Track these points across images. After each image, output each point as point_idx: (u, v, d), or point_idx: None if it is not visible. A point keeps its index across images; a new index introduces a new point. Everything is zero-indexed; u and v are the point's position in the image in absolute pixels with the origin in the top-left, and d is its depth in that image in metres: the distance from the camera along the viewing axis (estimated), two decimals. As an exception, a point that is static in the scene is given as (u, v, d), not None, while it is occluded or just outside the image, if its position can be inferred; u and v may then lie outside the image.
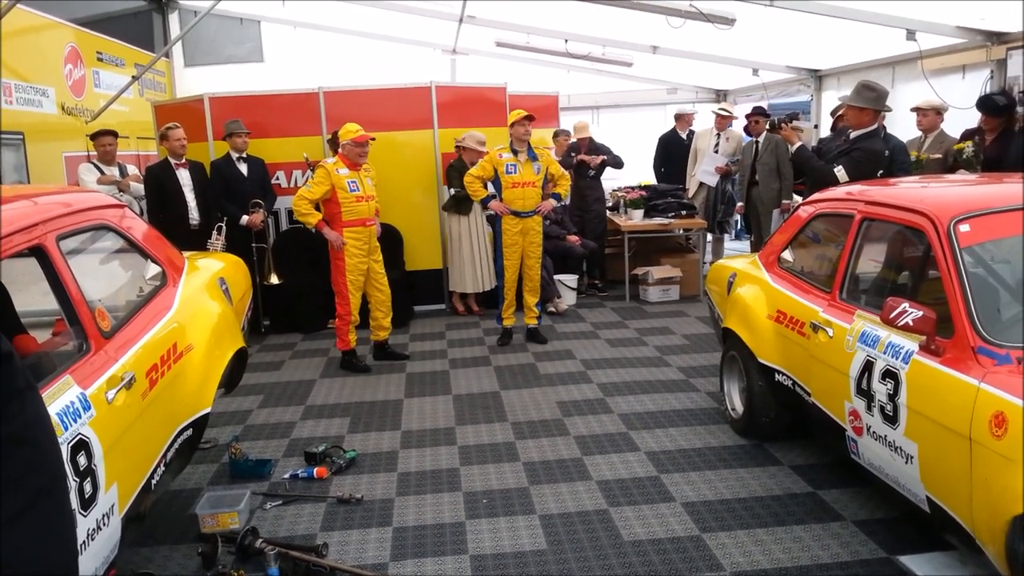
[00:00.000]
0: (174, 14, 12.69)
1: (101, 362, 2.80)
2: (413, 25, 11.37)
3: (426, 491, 4.16)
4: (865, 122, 5.30)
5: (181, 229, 6.81)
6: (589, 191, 9.03)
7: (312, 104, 8.00)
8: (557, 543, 3.55)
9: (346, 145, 6.13)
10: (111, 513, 2.64)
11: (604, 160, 8.80)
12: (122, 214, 3.63)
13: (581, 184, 8.98)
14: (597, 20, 9.19)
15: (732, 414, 4.83)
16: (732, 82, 12.24)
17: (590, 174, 8.91)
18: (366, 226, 6.24)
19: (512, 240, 6.77)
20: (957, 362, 2.78)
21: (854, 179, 4.95)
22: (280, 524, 3.87)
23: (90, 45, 9.51)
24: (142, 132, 10.04)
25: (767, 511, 3.76)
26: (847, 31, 7.38)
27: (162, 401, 3.21)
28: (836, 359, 3.51)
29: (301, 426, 5.25)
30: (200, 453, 4.59)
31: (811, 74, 10.08)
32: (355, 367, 6.45)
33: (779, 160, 7.95)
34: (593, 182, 9.01)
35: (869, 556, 3.32)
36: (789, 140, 5.84)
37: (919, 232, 3.23)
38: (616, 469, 4.32)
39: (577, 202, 9.10)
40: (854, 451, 3.46)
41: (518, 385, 5.90)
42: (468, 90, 8.86)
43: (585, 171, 8.87)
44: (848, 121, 5.54)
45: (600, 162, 8.80)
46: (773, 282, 4.44)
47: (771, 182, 8.09)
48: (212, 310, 4.07)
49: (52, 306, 2.91)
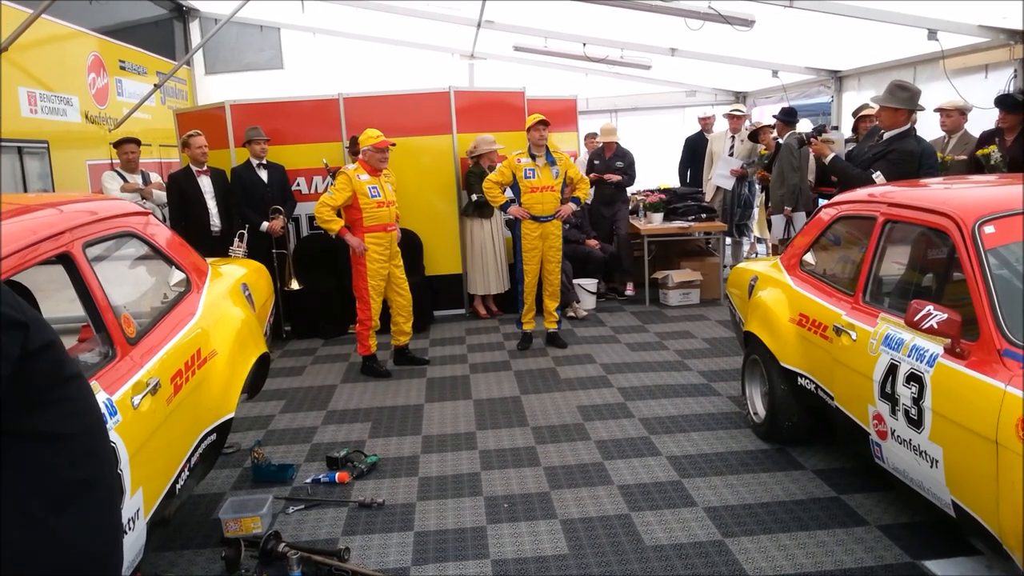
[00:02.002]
0: (195, 22, 12.83)
1: (127, 368, 2.83)
2: (431, 30, 11.43)
3: (447, 495, 4.17)
4: (900, 122, 5.27)
5: (203, 236, 6.87)
6: (614, 198, 9.00)
7: (332, 110, 8.04)
8: (578, 548, 3.55)
9: (367, 151, 6.17)
10: (136, 518, 2.66)
11: (620, 180, 8.83)
12: (146, 221, 3.67)
13: (606, 192, 8.98)
14: (615, 23, 9.19)
15: (754, 418, 4.81)
16: (751, 84, 12.20)
17: (610, 188, 8.92)
18: (387, 231, 6.27)
19: (532, 245, 6.77)
20: (982, 365, 2.75)
21: (892, 180, 4.92)
22: (302, 528, 3.89)
23: (113, 54, 9.64)
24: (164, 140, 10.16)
25: (790, 516, 3.74)
26: (867, 31, 7.33)
27: (186, 406, 3.24)
28: (860, 362, 3.48)
29: (323, 431, 5.28)
30: (223, 458, 4.62)
31: (831, 75, 10.02)
32: (376, 372, 6.47)
33: (784, 167, 7.93)
34: (618, 191, 8.97)
35: (894, 561, 3.29)
36: (822, 153, 5.83)
37: (943, 234, 3.20)
38: (637, 474, 4.31)
39: (602, 210, 9.08)
40: (878, 455, 3.43)
41: (538, 389, 5.90)
42: (486, 95, 8.88)
43: (607, 182, 8.87)
44: (882, 122, 5.50)
45: (617, 180, 8.80)
46: (795, 285, 4.42)
47: (777, 187, 8.09)
48: (235, 316, 4.10)
49: (78, 312, 2.94)
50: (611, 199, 9.00)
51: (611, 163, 8.85)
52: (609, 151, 8.96)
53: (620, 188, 8.97)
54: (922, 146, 5.52)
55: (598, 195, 9.06)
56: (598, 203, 9.11)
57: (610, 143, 8.95)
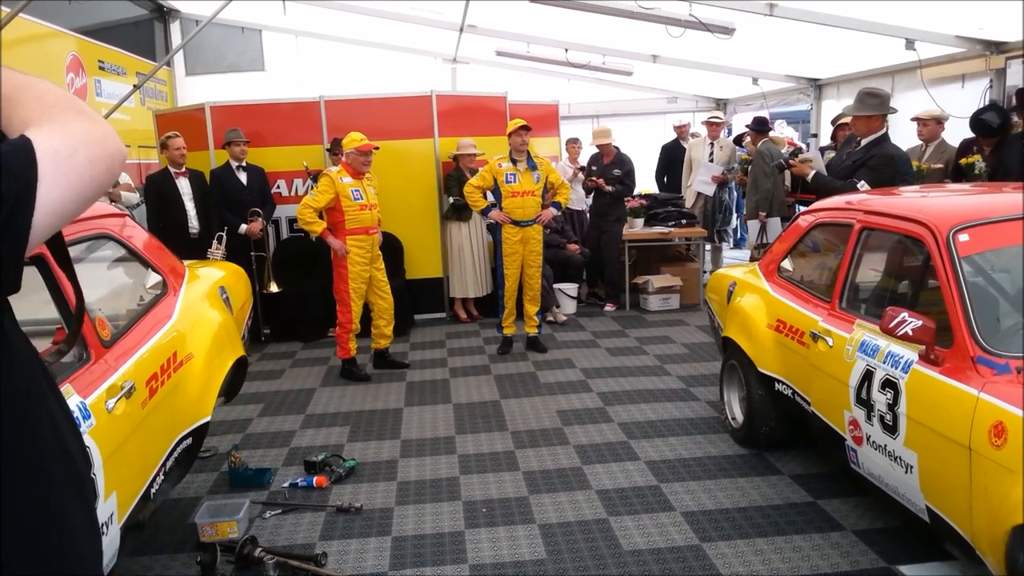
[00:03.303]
0: (175, 23, 12.74)
1: (101, 371, 2.80)
2: (414, 34, 11.42)
3: (425, 500, 4.16)
4: (875, 128, 5.34)
5: (181, 238, 6.82)
6: (610, 210, 8.47)
7: (313, 113, 8.02)
8: (556, 552, 3.55)
9: (350, 154, 6.15)
10: (110, 522, 2.64)
11: (618, 189, 8.28)
12: (123, 223, 3.64)
13: (601, 203, 8.53)
14: (597, 29, 9.22)
15: (732, 423, 4.83)
16: (732, 91, 12.29)
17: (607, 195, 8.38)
18: (369, 234, 6.26)
19: (512, 249, 6.78)
20: (956, 372, 2.78)
21: (876, 186, 4.98)
22: (279, 533, 3.86)
23: (92, 54, 9.55)
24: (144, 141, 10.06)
25: (767, 521, 3.76)
26: (847, 40, 7.41)
27: (162, 410, 3.21)
28: (836, 368, 3.51)
29: (301, 435, 5.25)
30: (200, 462, 4.59)
31: (811, 83, 10.12)
32: (355, 376, 6.45)
33: (757, 173, 8.03)
34: (614, 201, 8.43)
35: (869, 566, 3.32)
36: (802, 173, 5.91)
37: (918, 242, 3.24)
38: (616, 478, 4.32)
39: (596, 221, 8.65)
40: (854, 461, 3.46)
41: (518, 394, 5.90)
42: (468, 99, 8.88)
43: (603, 191, 8.35)
44: (858, 131, 5.57)
45: (612, 189, 8.25)
46: (773, 291, 4.45)
47: (752, 194, 8.18)
48: (212, 319, 4.07)
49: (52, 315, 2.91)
50: (605, 210, 8.49)
51: (608, 171, 8.32)
52: (607, 156, 8.41)
53: (617, 199, 8.42)
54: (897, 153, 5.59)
55: (593, 204, 8.72)
56: (594, 213, 8.72)
57: (607, 147, 8.40)
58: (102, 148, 1.07)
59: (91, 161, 1.04)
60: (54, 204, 0.99)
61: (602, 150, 8.47)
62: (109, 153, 1.08)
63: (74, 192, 1.02)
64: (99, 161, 1.06)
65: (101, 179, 1.06)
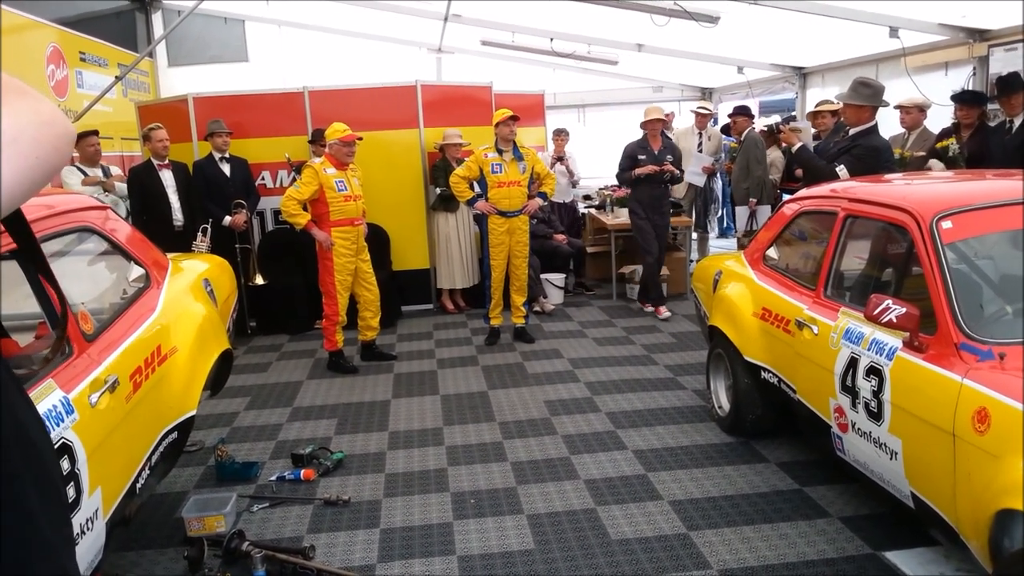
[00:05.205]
0: (157, 14, 12.60)
1: (84, 365, 2.78)
2: (398, 24, 11.36)
3: (414, 492, 4.16)
4: (865, 119, 5.34)
5: (165, 231, 6.76)
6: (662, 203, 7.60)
7: (297, 104, 7.96)
8: (545, 543, 3.55)
9: (333, 145, 6.11)
10: (95, 517, 2.62)
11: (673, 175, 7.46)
12: (105, 216, 3.60)
13: (655, 193, 7.48)
14: (582, 18, 9.20)
15: (719, 412, 4.85)
16: (717, 80, 12.31)
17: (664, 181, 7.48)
18: (354, 225, 6.23)
19: (499, 240, 6.76)
20: (940, 358, 2.80)
21: (856, 175, 4.98)
22: (267, 527, 3.85)
23: (73, 45, 9.43)
24: (126, 133, 9.97)
25: (754, 508, 3.77)
26: (831, 29, 7.43)
27: (146, 404, 3.19)
28: (821, 356, 3.53)
29: (288, 428, 5.23)
30: (186, 456, 4.56)
31: (796, 71, 10.14)
32: (342, 368, 6.43)
33: (749, 160, 8.02)
34: (665, 193, 7.62)
35: (855, 552, 3.34)
36: (788, 142, 5.88)
37: (902, 229, 3.25)
38: (604, 468, 4.33)
39: (651, 215, 7.53)
40: (839, 448, 3.48)
41: (506, 385, 5.90)
42: (454, 89, 8.84)
43: (660, 178, 7.38)
44: (847, 119, 5.57)
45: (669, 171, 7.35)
46: (758, 280, 4.46)
47: (741, 180, 8.18)
48: (197, 312, 4.04)
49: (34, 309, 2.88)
50: (658, 203, 7.49)
51: (661, 157, 7.35)
52: (655, 142, 7.43)
53: (667, 190, 7.62)
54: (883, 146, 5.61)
55: (645, 195, 7.44)
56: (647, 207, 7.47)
57: (653, 126, 7.37)
58: (50, 128, 1.05)
59: (37, 142, 1.02)
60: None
61: (650, 135, 7.41)
62: (56, 133, 1.06)
63: (20, 175, 0.99)
64: (45, 142, 1.03)
65: (51, 160, 1.03)
